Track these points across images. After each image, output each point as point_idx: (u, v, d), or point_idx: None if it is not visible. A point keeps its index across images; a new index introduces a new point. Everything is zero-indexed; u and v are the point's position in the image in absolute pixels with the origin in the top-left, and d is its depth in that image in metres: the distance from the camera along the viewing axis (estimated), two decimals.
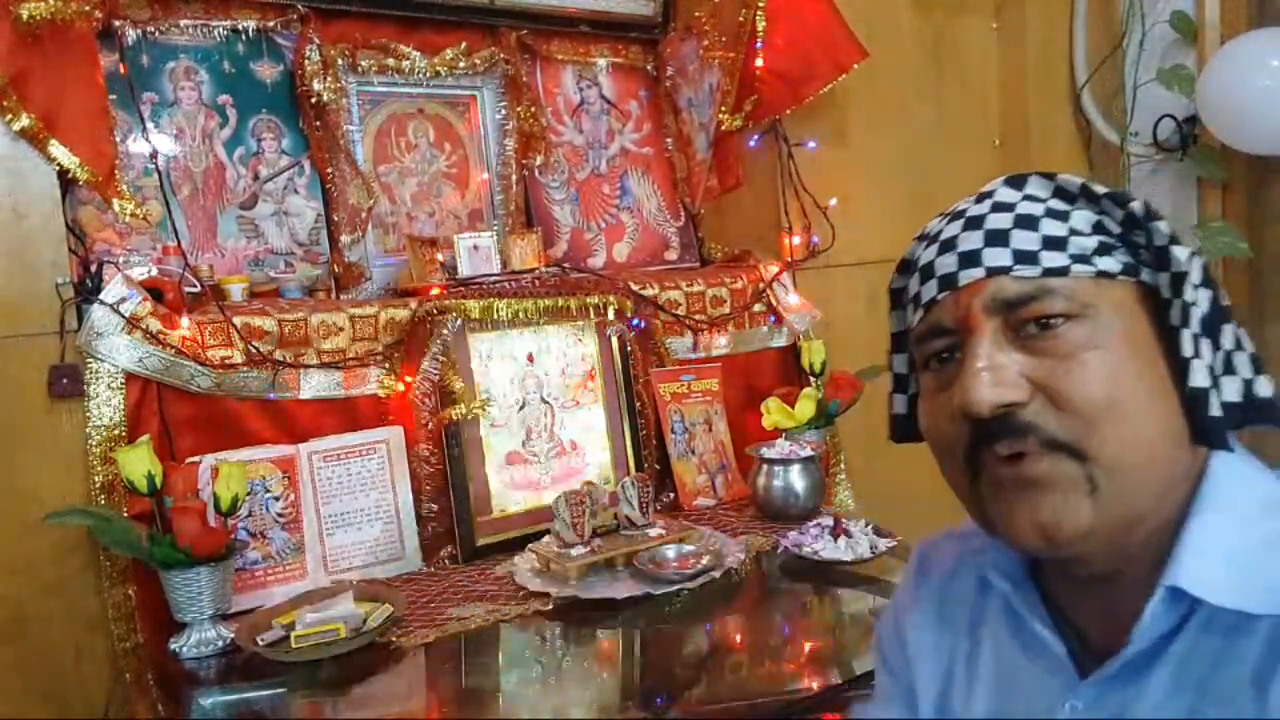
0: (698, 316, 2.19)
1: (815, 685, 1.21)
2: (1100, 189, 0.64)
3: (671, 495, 2.06)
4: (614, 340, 2.03)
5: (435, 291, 1.86)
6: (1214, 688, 0.58)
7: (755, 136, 2.30)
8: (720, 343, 2.24)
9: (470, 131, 2.23)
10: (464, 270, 1.95)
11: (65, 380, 1.53)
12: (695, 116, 2.41)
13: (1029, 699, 0.67)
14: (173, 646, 1.44)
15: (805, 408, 2.05)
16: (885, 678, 0.84)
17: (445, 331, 1.80)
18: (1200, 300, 0.61)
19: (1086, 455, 0.59)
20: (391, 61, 2.07)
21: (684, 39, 2.40)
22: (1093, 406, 0.58)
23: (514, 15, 2.24)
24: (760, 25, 2.17)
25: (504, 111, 2.23)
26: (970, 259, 0.63)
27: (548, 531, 1.66)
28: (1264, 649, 0.56)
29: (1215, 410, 0.60)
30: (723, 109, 2.26)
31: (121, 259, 1.75)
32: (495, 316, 1.87)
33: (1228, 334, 0.63)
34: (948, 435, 0.64)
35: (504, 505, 1.86)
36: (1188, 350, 0.60)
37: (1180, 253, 0.61)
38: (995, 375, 0.60)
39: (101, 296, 1.54)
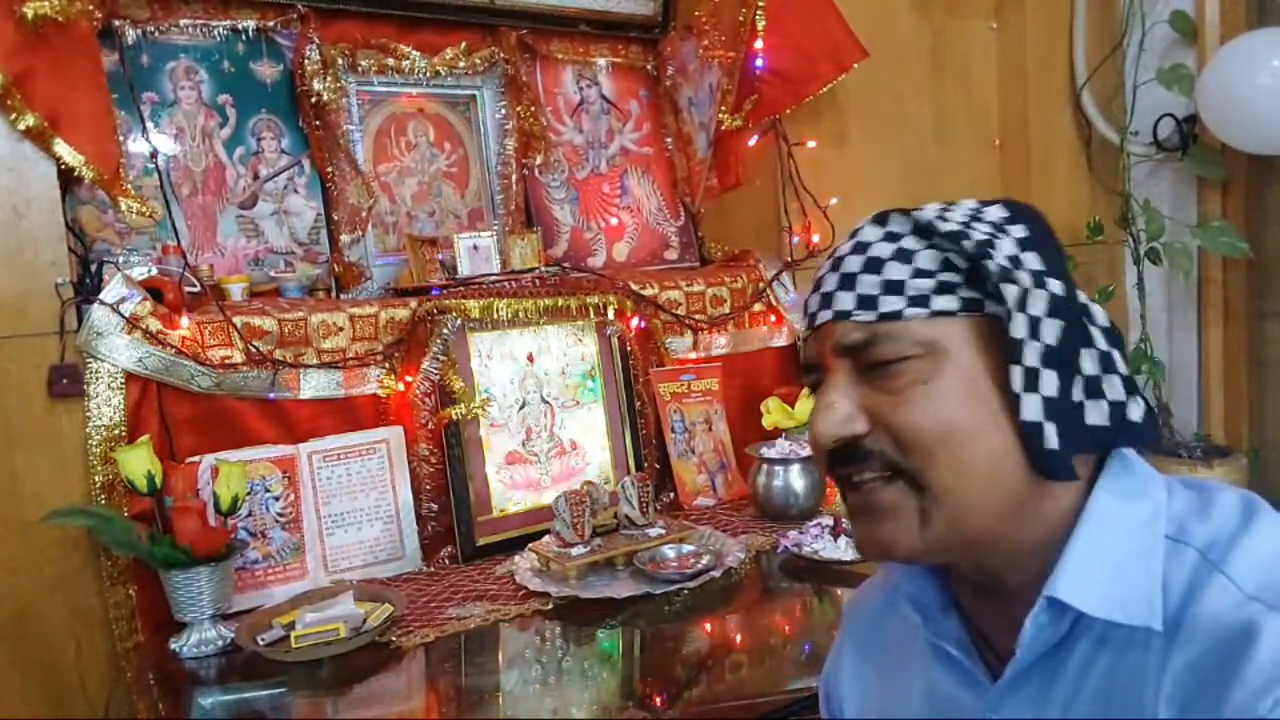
0: (698, 316, 2.19)
1: (815, 685, 1.21)
2: (944, 227, 0.64)
3: (671, 495, 2.06)
4: (614, 340, 2.03)
5: (435, 291, 1.86)
6: (1113, 700, 0.59)
7: (755, 136, 2.30)
8: (720, 342, 2.24)
9: (470, 131, 2.23)
10: (464, 270, 1.95)
11: (65, 380, 1.53)
12: (695, 116, 2.41)
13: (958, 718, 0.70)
14: (173, 646, 1.44)
15: (805, 408, 2.05)
16: None
17: (445, 331, 1.80)
18: (1044, 332, 0.61)
19: (923, 485, 0.62)
20: (391, 61, 2.07)
21: (684, 39, 2.40)
22: (922, 438, 0.62)
23: (514, 15, 2.23)
24: (760, 25, 2.17)
25: (504, 111, 2.23)
26: (826, 301, 0.67)
27: (548, 531, 1.66)
28: (1152, 660, 0.58)
29: (1052, 443, 0.61)
30: (723, 109, 2.26)
31: (121, 259, 1.75)
32: (495, 316, 1.87)
33: (1089, 360, 0.63)
34: (817, 457, 0.70)
35: (504, 505, 1.86)
36: (1017, 385, 0.61)
37: (1010, 290, 0.62)
38: (834, 411, 0.65)
39: (101, 296, 1.54)
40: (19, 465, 1.51)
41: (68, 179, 1.59)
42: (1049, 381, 0.61)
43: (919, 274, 0.64)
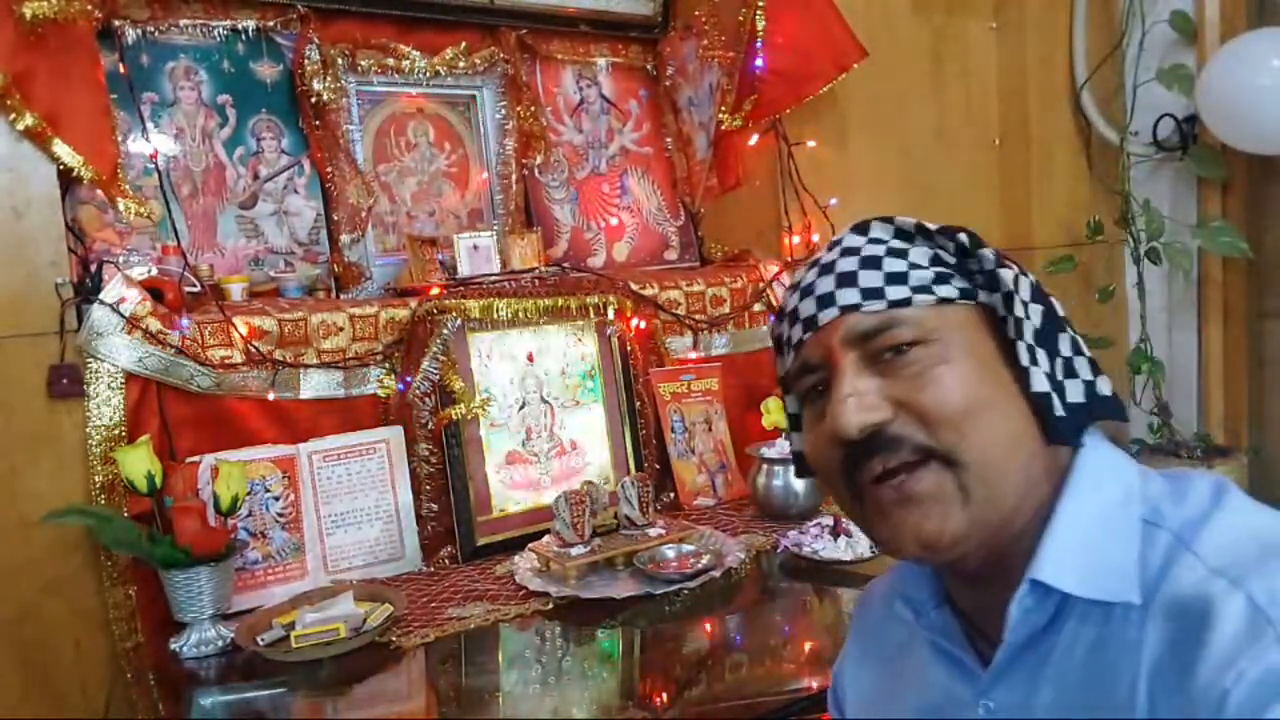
0: (697, 316, 2.19)
1: (815, 685, 1.21)
2: (932, 226, 0.71)
3: (671, 495, 2.06)
4: (614, 340, 2.03)
5: (435, 291, 1.86)
6: (1100, 677, 0.61)
7: (755, 136, 2.30)
8: (720, 342, 2.24)
9: (470, 131, 2.23)
10: (464, 270, 1.95)
11: (65, 380, 1.52)
12: (695, 116, 2.41)
13: (952, 709, 0.72)
14: (173, 646, 1.44)
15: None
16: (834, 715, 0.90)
17: (445, 331, 1.80)
18: (1032, 315, 0.67)
19: (956, 461, 0.64)
20: (391, 61, 2.07)
21: (684, 38, 2.40)
22: (951, 412, 0.64)
23: (514, 15, 2.24)
24: (760, 25, 2.17)
25: (504, 111, 2.23)
26: (826, 301, 0.70)
27: (548, 531, 1.66)
28: (1131, 635, 0.60)
29: (1059, 410, 0.66)
30: (723, 108, 2.26)
31: (121, 259, 1.75)
32: (495, 316, 1.87)
33: (1064, 342, 0.69)
34: (828, 460, 0.70)
35: (504, 505, 1.86)
36: (1024, 359, 0.66)
37: (1006, 274, 0.67)
38: (859, 400, 0.66)
39: (101, 296, 1.54)
40: (19, 465, 1.51)
41: (68, 179, 1.59)
42: (1043, 359, 0.67)
43: (915, 267, 0.69)
